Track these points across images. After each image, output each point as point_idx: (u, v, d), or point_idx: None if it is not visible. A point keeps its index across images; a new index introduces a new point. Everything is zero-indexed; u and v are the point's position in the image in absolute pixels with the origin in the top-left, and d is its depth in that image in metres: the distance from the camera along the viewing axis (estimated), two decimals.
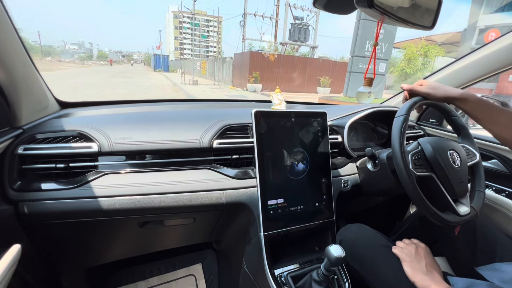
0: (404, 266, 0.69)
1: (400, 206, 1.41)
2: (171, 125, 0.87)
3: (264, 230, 0.80)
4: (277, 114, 0.85)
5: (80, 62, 66.63)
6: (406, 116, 0.74)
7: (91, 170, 0.75)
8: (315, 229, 0.89)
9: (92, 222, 0.79)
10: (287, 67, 15.88)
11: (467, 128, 0.86)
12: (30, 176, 0.72)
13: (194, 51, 20.28)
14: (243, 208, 0.85)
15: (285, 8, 16.55)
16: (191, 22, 22.49)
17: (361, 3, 0.53)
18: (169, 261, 1.37)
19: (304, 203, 0.87)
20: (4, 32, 0.64)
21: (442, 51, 12.47)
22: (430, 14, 0.67)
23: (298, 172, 0.86)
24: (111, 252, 1.08)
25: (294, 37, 16.81)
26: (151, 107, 1.23)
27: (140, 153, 0.79)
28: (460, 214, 0.72)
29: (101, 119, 0.91)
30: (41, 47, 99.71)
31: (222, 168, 0.85)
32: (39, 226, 0.76)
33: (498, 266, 0.70)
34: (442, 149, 0.75)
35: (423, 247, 0.75)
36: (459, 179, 0.75)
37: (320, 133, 0.91)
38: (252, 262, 0.89)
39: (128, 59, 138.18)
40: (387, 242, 0.79)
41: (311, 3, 0.71)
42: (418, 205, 0.71)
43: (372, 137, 1.26)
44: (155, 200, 0.76)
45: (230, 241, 1.17)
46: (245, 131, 0.90)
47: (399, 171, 0.71)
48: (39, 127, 0.79)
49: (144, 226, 0.90)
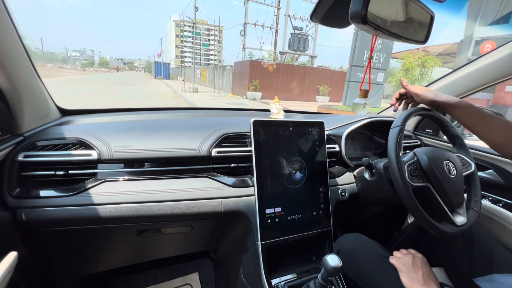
0: (401, 276, 0.69)
1: (398, 215, 1.40)
2: (170, 133, 0.88)
3: (262, 239, 0.80)
4: (275, 123, 0.86)
5: (82, 69, 67.14)
6: (402, 127, 0.75)
7: (90, 177, 0.76)
8: (313, 238, 0.89)
9: (89, 230, 0.79)
10: (286, 76, 16.05)
11: (462, 138, 0.87)
12: (29, 183, 0.72)
13: (194, 59, 20.51)
14: (240, 216, 0.85)
15: (284, 18, 16.86)
16: (192, 31, 22.83)
17: (355, 19, 0.55)
18: (165, 270, 1.35)
19: (302, 212, 0.87)
20: (8, 39, 0.65)
21: (439, 62, 12.67)
22: (423, 29, 0.69)
23: (296, 181, 0.87)
24: (108, 260, 1.07)
25: (293, 46, 17.06)
26: (151, 115, 1.25)
27: (139, 161, 0.80)
28: (456, 224, 0.72)
29: (102, 126, 0.92)
30: (43, 53, 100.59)
31: (220, 176, 0.85)
32: (36, 233, 0.76)
33: (496, 277, 0.70)
34: (438, 160, 0.76)
35: (420, 257, 0.75)
36: (455, 189, 0.75)
37: (318, 142, 0.92)
38: (249, 271, 0.89)
39: (129, 66, 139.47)
40: (384, 252, 0.79)
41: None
42: (414, 215, 0.71)
43: (369, 147, 1.28)
44: (153, 208, 0.76)
45: (228, 250, 1.16)
46: (244, 140, 0.91)
47: (396, 181, 0.72)
48: (40, 134, 0.80)
49: (142, 234, 0.89)
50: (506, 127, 0.68)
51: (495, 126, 0.70)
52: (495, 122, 0.70)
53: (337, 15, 0.65)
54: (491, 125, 0.70)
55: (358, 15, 0.54)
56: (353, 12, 0.54)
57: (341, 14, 0.61)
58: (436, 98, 0.77)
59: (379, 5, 0.55)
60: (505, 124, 0.69)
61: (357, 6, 0.53)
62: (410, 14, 0.65)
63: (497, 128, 0.69)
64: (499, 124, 0.69)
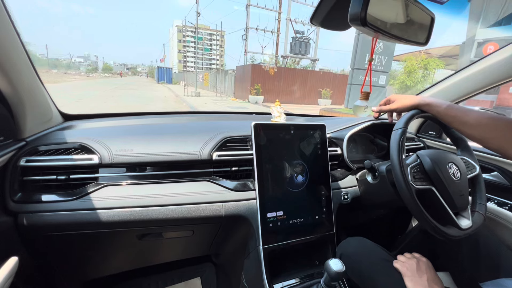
0: (406, 281, 0.67)
1: (401, 219, 1.39)
2: (171, 137, 0.88)
3: (263, 243, 0.79)
4: (276, 127, 0.86)
5: (86, 74, 67.98)
6: (404, 129, 0.75)
7: (92, 182, 0.76)
8: (315, 242, 0.88)
9: (90, 234, 0.79)
10: (288, 80, 16.10)
11: (465, 140, 0.86)
12: (31, 188, 0.73)
13: (197, 64, 20.66)
14: (242, 220, 0.84)
15: (286, 22, 16.99)
16: (195, 36, 23.09)
17: (354, 21, 0.55)
18: (167, 275, 1.34)
19: (304, 215, 0.86)
20: (11, 45, 0.65)
21: (441, 64, 12.64)
22: (423, 31, 0.69)
23: (298, 184, 0.86)
24: (110, 265, 1.07)
25: (295, 50, 17.15)
26: (153, 120, 1.25)
27: (140, 165, 0.80)
28: (461, 227, 0.71)
29: (103, 131, 0.93)
30: (48, 60, 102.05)
31: (222, 180, 0.85)
32: (37, 238, 0.76)
33: (504, 281, 0.69)
34: (441, 162, 0.75)
35: (425, 261, 0.74)
36: (459, 192, 0.74)
37: (319, 145, 0.92)
38: (251, 276, 0.88)
39: (132, 72, 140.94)
40: (388, 256, 0.78)
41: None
42: (418, 218, 0.70)
43: (371, 149, 1.27)
44: (154, 212, 0.76)
45: (229, 254, 1.15)
46: (245, 143, 0.91)
47: (398, 184, 0.71)
48: (42, 139, 0.81)
49: (143, 239, 0.89)
50: (483, 120, 0.67)
51: (471, 120, 0.69)
52: (471, 115, 0.69)
53: (337, 18, 0.65)
54: (468, 120, 0.69)
55: (357, 17, 0.54)
56: (352, 15, 0.54)
57: (340, 16, 0.61)
58: (413, 102, 0.80)
59: (378, 7, 0.55)
60: (483, 117, 0.67)
61: (356, 9, 0.53)
62: (410, 16, 0.65)
63: (474, 122, 0.68)
64: (475, 117, 0.68)
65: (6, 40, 0.63)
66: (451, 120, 0.74)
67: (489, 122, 0.66)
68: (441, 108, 0.75)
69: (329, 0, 0.62)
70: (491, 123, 0.66)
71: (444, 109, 0.74)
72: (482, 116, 0.68)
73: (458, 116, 0.71)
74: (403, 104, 0.83)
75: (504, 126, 0.64)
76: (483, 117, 0.68)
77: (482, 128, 0.67)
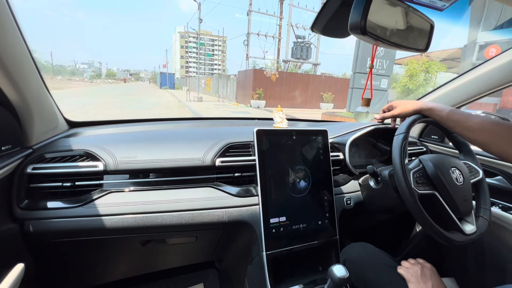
0: (410, 287, 0.67)
1: (405, 224, 1.38)
2: (174, 143, 0.89)
3: (266, 249, 0.79)
4: (278, 132, 0.87)
5: (89, 81, 68.75)
6: (406, 134, 0.75)
7: (96, 188, 0.77)
8: (318, 248, 0.88)
9: (95, 241, 0.79)
10: (290, 84, 16.16)
11: (468, 144, 0.86)
12: (37, 195, 0.74)
13: (199, 69, 20.86)
14: (245, 226, 0.85)
15: (287, 27, 17.13)
16: (197, 42, 23.34)
17: (354, 31, 0.56)
18: (170, 281, 1.34)
19: (307, 221, 0.86)
20: (19, 54, 0.66)
21: (443, 67, 12.61)
22: (423, 37, 0.69)
23: (300, 189, 0.87)
24: (114, 271, 1.07)
25: (296, 55, 17.25)
26: (156, 126, 1.27)
27: (144, 172, 0.81)
28: (466, 233, 0.71)
29: (108, 138, 0.94)
30: (52, 66, 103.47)
31: (225, 186, 0.86)
32: (43, 245, 0.76)
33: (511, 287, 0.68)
34: (444, 167, 0.75)
35: (429, 267, 0.73)
36: (463, 197, 0.74)
37: (322, 150, 0.92)
38: (254, 282, 0.87)
39: (135, 77, 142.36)
40: (392, 261, 0.78)
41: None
42: (421, 223, 0.70)
43: (374, 154, 1.27)
44: (158, 219, 0.76)
45: (232, 260, 1.15)
46: (248, 149, 0.92)
47: (401, 189, 0.71)
48: (48, 147, 0.82)
49: (147, 245, 0.89)
50: (486, 125, 0.67)
51: (474, 124, 0.69)
52: (473, 120, 0.69)
53: (337, 26, 0.66)
54: (471, 124, 0.69)
55: (357, 27, 0.55)
56: (352, 24, 0.55)
57: (341, 24, 0.62)
58: (415, 108, 0.80)
59: (378, 16, 0.56)
60: (486, 122, 0.67)
61: (356, 18, 0.54)
62: (410, 24, 0.66)
63: (476, 127, 0.68)
64: (478, 122, 0.68)
65: (15, 50, 0.64)
66: (453, 124, 0.74)
67: (492, 127, 0.66)
68: (443, 113, 0.75)
69: (329, 9, 0.63)
70: (494, 128, 0.66)
71: (446, 114, 0.75)
72: (485, 121, 0.68)
73: (461, 121, 0.72)
74: (405, 110, 0.83)
75: (507, 131, 0.64)
76: (486, 122, 0.68)
77: (485, 133, 0.67)
